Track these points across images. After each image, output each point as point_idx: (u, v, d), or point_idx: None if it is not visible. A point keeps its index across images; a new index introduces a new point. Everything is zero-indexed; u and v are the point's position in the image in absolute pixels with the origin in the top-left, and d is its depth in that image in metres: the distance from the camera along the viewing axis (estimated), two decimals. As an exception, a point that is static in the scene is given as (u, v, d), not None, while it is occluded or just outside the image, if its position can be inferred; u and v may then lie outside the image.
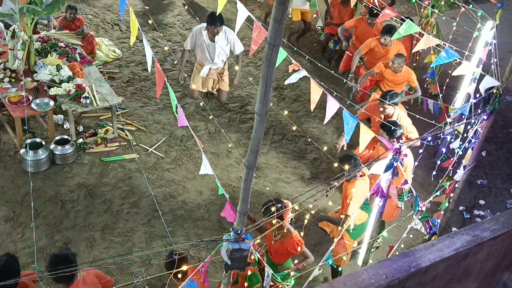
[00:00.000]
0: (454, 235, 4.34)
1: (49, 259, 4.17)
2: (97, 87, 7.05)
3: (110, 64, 8.69)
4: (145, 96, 8.13)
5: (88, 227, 5.97)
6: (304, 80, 5.27)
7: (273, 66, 2.45)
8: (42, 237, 5.76)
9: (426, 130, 5.02)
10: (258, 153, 2.78)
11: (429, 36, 5.15)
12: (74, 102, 6.67)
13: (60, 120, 7.31)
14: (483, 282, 4.85)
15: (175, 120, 7.67)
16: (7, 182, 6.36)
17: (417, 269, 3.92)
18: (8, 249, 5.57)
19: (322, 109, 8.14)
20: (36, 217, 5.88)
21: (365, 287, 3.67)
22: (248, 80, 8.66)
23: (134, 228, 6.04)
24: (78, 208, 6.15)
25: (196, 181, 6.78)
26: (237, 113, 8.12)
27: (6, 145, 6.85)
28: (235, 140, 7.56)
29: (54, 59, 7.17)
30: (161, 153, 7.10)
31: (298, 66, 4.33)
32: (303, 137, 7.73)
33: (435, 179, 6.12)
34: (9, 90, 6.64)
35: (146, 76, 8.56)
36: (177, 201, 6.47)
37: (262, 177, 7.01)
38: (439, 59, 5.01)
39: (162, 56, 8.99)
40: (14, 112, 6.39)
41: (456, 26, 6.12)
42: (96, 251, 5.72)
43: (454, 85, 7.45)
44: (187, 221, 6.23)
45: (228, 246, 3.06)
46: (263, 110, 2.60)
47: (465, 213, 6.93)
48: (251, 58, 9.31)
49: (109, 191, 6.41)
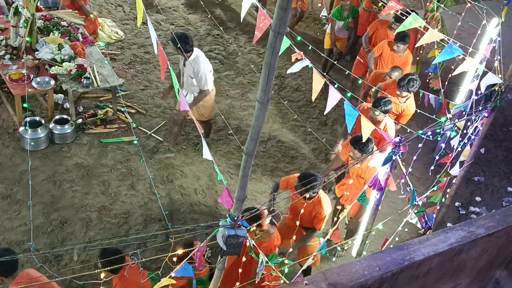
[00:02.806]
0: (449, 231, 4.35)
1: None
2: (99, 68, 7.02)
3: (112, 46, 8.65)
4: (146, 79, 8.11)
5: (84, 207, 5.98)
6: (306, 69, 5.26)
7: (277, 54, 2.43)
8: (38, 215, 5.77)
9: (426, 125, 5.02)
10: (257, 141, 2.78)
11: (434, 31, 5.11)
12: (75, 82, 6.65)
13: (60, 100, 7.29)
14: (475, 278, 4.88)
15: (175, 104, 7.65)
16: (5, 159, 6.35)
17: (411, 262, 3.94)
18: (4, 226, 5.59)
19: (323, 99, 8.14)
20: (33, 196, 5.89)
21: (358, 278, 3.68)
22: (250, 67, 8.64)
23: (130, 210, 6.05)
24: (75, 188, 6.16)
25: (194, 166, 6.78)
26: (238, 100, 8.10)
27: (5, 122, 6.83)
28: (234, 126, 7.55)
29: (56, 38, 7.13)
30: (160, 137, 7.09)
31: (301, 55, 4.31)
32: (303, 127, 7.72)
33: (433, 174, 6.13)
34: (10, 67, 6.61)
35: (147, 59, 8.52)
36: (174, 185, 6.48)
37: (260, 165, 7.02)
38: (443, 55, 4.99)
39: (165, 39, 8.95)
40: (15, 90, 6.37)
41: (461, 22, 6.10)
42: (92, 232, 5.74)
43: (457, 81, 7.43)
44: (183, 206, 6.24)
45: (224, 232, 3.07)
46: (265, 98, 2.59)
47: (460, 209, 6.95)
48: (254, 46, 9.28)
49: (107, 173, 6.42)
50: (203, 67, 6.16)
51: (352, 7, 8.23)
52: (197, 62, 6.12)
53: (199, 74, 6.13)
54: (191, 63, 6.09)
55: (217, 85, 8.25)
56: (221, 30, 8.91)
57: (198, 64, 6.11)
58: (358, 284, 3.67)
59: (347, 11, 8.16)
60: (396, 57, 7.08)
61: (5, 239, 5.48)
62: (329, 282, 3.57)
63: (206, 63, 6.27)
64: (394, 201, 6.70)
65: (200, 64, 6.13)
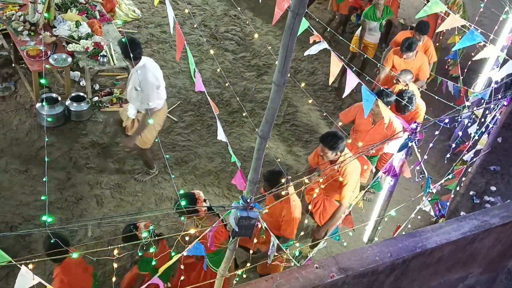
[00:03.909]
0: (462, 219, 4.32)
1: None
2: (115, 46, 7.02)
3: (129, 24, 8.64)
4: (162, 58, 8.10)
5: (99, 184, 6.04)
6: (323, 53, 5.19)
7: (295, 36, 2.40)
8: (53, 191, 5.84)
9: (444, 112, 4.95)
10: (272, 124, 2.76)
11: (455, 16, 5.02)
12: (92, 60, 6.67)
13: (76, 77, 7.33)
14: (487, 268, 4.85)
15: (190, 85, 7.65)
16: (21, 135, 6.43)
17: (423, 250, 3.92)
18: (20, 201, 5.68)
19: (339, 83, 8.07)
20: (49, 172, 5.96)
21: (369, 264, 3.68)
22: (266, 49, 8.58)
23: (144, 189, 6.10)
24: (90, 166, 6.22)
25: (208, 147, 6.80)
26: (253, 82, 8.07)
27: (23, 98, 6.90)
28: (249, 109, 7.53)
29: (73, 15, 7.14)
30: (175, 117, 7.11)
31: (320, 37, 4.25)
32: (318, 111, 7.68)
33: (448, 162, 6.07)
34: (27, 43, 6.64)
35: (164, 39, 8.50)
36: (188, 166, 6.51)
37: (274, 148, 7.00)
38: (463, 41, 4.90)
39: (182, 19, 8.91)
40: (32, 66, 6.40)
41: (483, 8, 5.96)
42: (106, 209, 5.80)
43: (476, 68, 7.32)
44: (196, 186, 6.27)
45: (237, 214, 3.07)
46: (281, 80, 2.56)
47: (475, 198, 6.89)
48: (271, 27, 9.20)
49: (122, 151, 6.46)
50: (151, 80, 5.37)
51: (386, 7, 7.68)
52: (143, 72, 5.33)
53: (144, 87, 5.32)
54: (137, 74, 5.31)
55: (232, 66, 8.23)
56: (239, 10, 8.86)
57: (144, 75, 5.32)
58: (369, 269, 3.66)
59: (380, 11, 7.63)
60: (408, 62, 6.69)
61: (21, 213, 5.57)
62: (340, 266, 3.57)
63: (156, 75, 5.47)
64: (408, 188, 6.67)
65: (147, 75, 5.34)
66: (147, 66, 5.40)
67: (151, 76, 5.37)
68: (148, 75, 5.35)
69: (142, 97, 5.40)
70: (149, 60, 5.54)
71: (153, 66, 5.49)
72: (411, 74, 6.18)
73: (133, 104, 5.60)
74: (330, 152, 4.76)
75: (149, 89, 5.36)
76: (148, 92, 5.36)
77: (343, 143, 4.75)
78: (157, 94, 5.50)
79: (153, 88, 5.40)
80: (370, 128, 5.66)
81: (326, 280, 3.44)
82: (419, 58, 6.75)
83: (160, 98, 5.57)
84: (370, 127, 5.66)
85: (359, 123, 5.72)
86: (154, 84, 5.40)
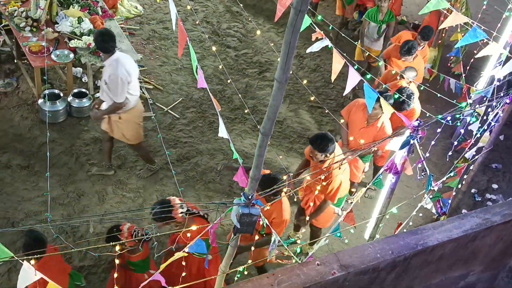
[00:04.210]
0: (464, 217, 4.32)
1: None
2: (117, 42, 6.99)
3: (131, 20, 8.63)
4: (164, 55, 8.10)
5: (101, 181, 6.05)
6: (325, 50, 5.19)
7: (297, 33, 2.40)
8: (55, 187, 5.85)
9: (445, 110, 4.94)
10: (274, 121, 2.76)
11: (458, 13, 5.00)
12: (94, 56, 6.66)
13: (78, 73, 7.33)
14: (489, 265, 4.85)
15: (192, 82, 7.65)
16: (23, 131, 6.43)
17: (424, 247, 3.92)
18: (22, 197, 5.69)
19: (341, 80, 8.06)
20: (51, 168, 5.97)
21: (371, 261, 3.69)
22: (268, 46, 8.56)
23: (146, 185, 6.11)
24: (92, 162, 6.23)
25: (210, 144, 6.80)
26: (255, 79, 8.06)
27: (25, 94, 6.90)
28: (251, 106, 7.53)
29: (75, 11, 7.14)
30: (177, 114, 7.11)
31: (322, 34, 4.25)
32: (320, 108, 7.67)
33: (450, 160, 6.07)
34: (30, 39, 6.64)
35: (166, 35, 8.49)
36: (190, 162, 6.51)
37: (275, 145, 7.00)
38: (466, 38, 4.89)
39: (184, 15, 8.90)
40: (34, 62, 6.40)
41: (486, 5, 5.95)
42: (107, 205, 5.81)
43: (479, 66, 7.30)
44: (198, 183, 6.28)
45: (238, 210, 3.07)
46: (283, 77, 2.56)
47: (477, 196, 6.89)
48: (273, 24, 9.18)
49: (124, 148, 6.47)
50: (121, 75, 5.22)
51: (389, 12, 7.55)
52: (114, 66, 5.24)
53: (112, 81, 5.22)
54: (109, 65, 5.25)
55: (234, 63, 8.22)
56: (241, 7, 8.84)
57: (114, 69, 5.22)
58: (370, 266, 3.67)
59: (383, 14, 7.52)
60: (406, 64, 6.57)
61: (23, 209, 5.58)
62: (341, 263, 3.58)
63: (129, 71, 5.31)
64: (409, 186, 6.67)
65: (118, 69, 5.22)
66: (120, 60, 5.28)
67: (122, 71, 5.24)
68: (119, 70, 5.22)
69: (111, 92, 5.32)
70: (124, 55, 5.45)
71: (126, 61, 5.37)
72: (415, 71, 6.18)
73: (103, 98, 5.53)
74: (319, 154, 4.80)
75: (119, 84, 5.23)
76: (117, 87, 5.24)
77: (332, 145, 4.78)
78: (129, 91, 5.37)
79: (123, 83, 5.26)
80: (362, 127, 5.64)
81: (327, 277, 3.45)
82: (417, 63, 6.67)
83: (131, 94, 5.43)
84: (362, 126, 5.64)
85: (353, 119, 5.72)
86: (124, 80, 5.26)
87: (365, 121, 5.63)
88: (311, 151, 4.88)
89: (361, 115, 5.65)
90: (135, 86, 5.47)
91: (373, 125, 5.60)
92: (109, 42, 5.20)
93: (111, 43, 5.23)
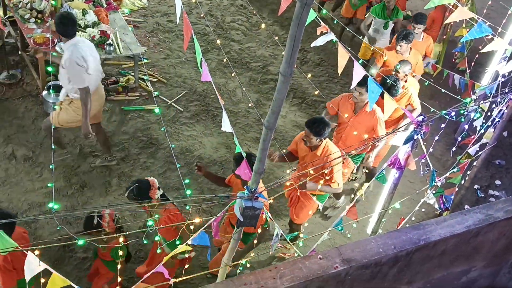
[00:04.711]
0: (467, 213, 4.32)
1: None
2: (121, 35, 7.02)
3: (135, 13, 8.63)
4: (168, 48, 8.09)
5: (104, 173, 6.07)
6: (329, 44, 5.18)
7: (303, 26, 2.40)
8: (59, 178, 5.87)
9: (449, 105, 4.94)
10: (279, 114, 2.77)
11: (463, 9, 4.98)
12: (98, 48, 6.65)
13: (82, 66, 7.32)
14: (491, 261, 4.85)
15: (196, 75, 7.65)
16: (28, 122, 6.45)
17: (426, 242, 3.92)
18: (26, 188, 5.72)
19: (345, 75, 8.04)
20: (55, 159, 5.99)
21: (373, 255, 3.69)
22: (272, 40, 8.55)
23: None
24: (96, 154, 6.24)
25: (213, 137, 6.81)
26: (259, 73, 8.05)
27: (29, 86, 6.91)
28: (254, 100, 7.53)
29: (80, 3, 7.13)
30: (181, 107, 7.11)
31: (327, 28, 4.24)
32: (323, 102, 7.66)
33: (453, 156, 6.06)
34: (34, 31, 6.64)
35: (170, 28, 8.49)
36: (193, 155, 6.52)
37: (279, 139, 7.01)
38: (471, 33, 4.87)
39: (188, 8, 8.89)
40: (39, 54, 6.40)
41: (491, 1, 5.93)
42: (111, 197, 5.83)
43: (484, 62, 7.28)
44: (201, 176, 6.28)
45: (241, 204, 3.09)
46: (288, 71, 2.57)
47: (479, 192, 6.88)
48: (277, 18, 9.16)
49: (127, 140, 6.48)
50: (76, 59, 5.09)
51: (396, 9, 7.43)
52: (70, 50, 5.12)
53: (68, 66, 5.11)
54: (67, 49, 5.14)
55: (238, 57, 8.21)
56: (245, 0, 8.82)
57: (70, 53, 5.10)
58: (373, 261, 3.67)
59: (390, 10, 7.39)
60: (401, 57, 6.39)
61: (26, 200, 5.61)
62: (344, 257, 3.59)
63: (85, 57, 5.17)
64: (412, 181, 6.67)
65: (73, 54, 5.09)
66: (78, 45, 5.16)
67: (77, 56, 5.11)
68: (74, 54, 5.09)
69: (68, 77, 5.22)
70: (83, 41, 5.32)
71: (85, 47, 5.23)
72: (410, 65, 6.02)
73: (62, 83, 5.41)
74: (314, 138, 4.79)
75: (75, 69, 5.13)
76: (73, 72, 5.14)
77: (328, 129, 4.81)
78: (85, 76, 5.21)
79: (80, 69, 5.14)
80: (351, 117, 5.55)
81: (330, 271, 3.45)
82: (413, 56, 6.52)
83: (92, 79, 5.29)
84: (351, 116, 5.55)
85: (342, 111, 5.61)
86: (80, 64, 5.13)
87: (352, 110, 5.56)
88: (306, 134, 4.83)
89: (348, 106, 5.58)
90: (93, 73, 5.31)
91: (362, 111, 5.49)
92: (68, 25, 5.08)
93: (71, 27, 5.12)
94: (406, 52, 6.42)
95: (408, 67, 5.96)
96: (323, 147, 4.92)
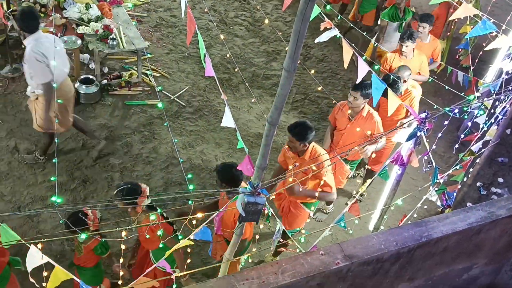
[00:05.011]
0: (469, 210, 4.32)
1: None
2: (125, 29, 7.02)
3: (138, 7, 8.62)
4: (171, 43, 8.09)
5: (107, 167, 6.08)
6: (333, 40, 5.16)
7: (307, 21, 2.40)
8: (62, 172, 5.89)
9: (453, 102, 4.92)
10: (282, 110, 2.77)
11: (468, 5, 4.96)
12: (101, 43, 6.67)
13: (86, 60, 7.33)
14: (493, 259, 4.85)
15: (199, 70, 7.65)
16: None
17: (428, 239, 3.92)
18: (29, 181, 5.73)
19: (348, 71, 8.04)
20: (58, 153, 6.00)
21: (375, 252, 3.69)
22: (276, 35, 8.53)
23: (152, 172, 6.13)
24: (98, 148, 6.25)
25: (216, 133, 6.81)
26: (262, 68, 8.04)
27: (32, 80, 6.92)
28: (257, 95, 7.52)
29: (84, -3, 7.14)
30: (183, 102, 7.11)
31: (331, 24, 4.22)
32: (326, 98, 7.66)
33: (456, 153, 6.05)
34: (37, 25, 6.64)
35: (173, 23, 8.48)
36: (196, 150, 6.53)
37: (281, 135, 7.00)
38: (475, 30, 4.85)
39: (191, 3, 8.88)
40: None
41: (496, -2, 5.90)
42: (113, 191, 5.83)
43: (487, 59, 7.25)
44: (203, 171, 6.29)
45: (244, 199, 3.09)
46: (292, 66, 2.56)
47: (482, 189, 6.87)
48: (281, 13, 9.14)
49: (130, 135, 6.49)
50: (35, 55, 5.01)
51: (406, 9, 7.37)
52: (31, 45, 5.04)
53: (28, 61, 5.05)
54: (27, 45, 5.05)
55: (241, 52, 8.19)
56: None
57: (31, 48, 5.02)
58: (374, 257, 3.68)
59: (401, 11, 7.31)
60: (407, 62, 6.32)
61: (29, 193, 5.62)
62: (345, 254, 3.59)
63: (45, 53, 5.04)
64: (415, 178, 6.66)
65: (33, 49, 5.01)
66: (39, 41, 5.07)
67: (36, 52, 5.02)
68: (34, 49, 5.01)
69: (30, 72, 5.16)
70: (45, 36, 5.21)
71: (46, 42, 5.11)
72: (409, 70, 5.92)
73: (27, 80, 5.35)
74: (298, 142, 4.64)
75: (35, 65, 5.06)
76: (34, 67, 5.07)
77: (312, 133, 4.64)
78: (46, 72, 5.10)
79: (39, 64, 5.05)
80: (348, 124, 5.43)
81: (331, 266, 3.46)
82: (417, 58, 6.46)
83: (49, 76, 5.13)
84: (348, 122, 5.42)
85: (339, 119, 5.50)
86: (40, 61, 5.04)
87: (348, 117, 5.42)
88: (290, 140, 4.71)
89: (344, 113, 5.47)
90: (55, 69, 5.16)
91: (358, 116, 5.38)
92: (30, 21, 5.03)
93: (32, 22, 5.06)
94: (410, 53, 6.36)
95: (407, 72, 5.87)
96: (310, 151, 4.77)
